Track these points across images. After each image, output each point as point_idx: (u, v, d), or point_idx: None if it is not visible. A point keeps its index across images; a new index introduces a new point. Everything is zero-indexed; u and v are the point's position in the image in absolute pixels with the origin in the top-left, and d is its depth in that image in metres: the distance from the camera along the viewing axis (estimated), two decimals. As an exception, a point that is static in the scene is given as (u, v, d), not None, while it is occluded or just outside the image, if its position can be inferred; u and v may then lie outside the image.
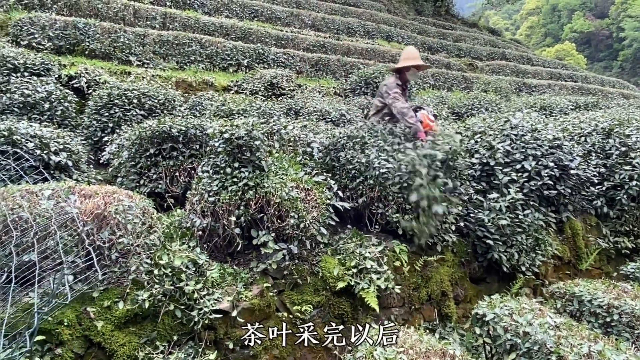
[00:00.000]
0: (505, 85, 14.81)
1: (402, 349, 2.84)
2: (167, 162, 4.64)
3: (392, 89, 4.90)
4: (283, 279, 3.61)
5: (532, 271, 4.73)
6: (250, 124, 3.67)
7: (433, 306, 4.41)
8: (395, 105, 4.78)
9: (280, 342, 3.49)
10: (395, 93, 4.85)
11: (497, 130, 5.24)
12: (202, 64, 11.24)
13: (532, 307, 3.59)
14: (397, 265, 4.11)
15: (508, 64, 20.31)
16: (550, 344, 2.97)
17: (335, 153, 4.46)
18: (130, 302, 3.03)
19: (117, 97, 6.57)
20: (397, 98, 4.82)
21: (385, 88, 5.00)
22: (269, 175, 3.64)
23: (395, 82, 4.95)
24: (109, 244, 3.09)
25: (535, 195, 4.88)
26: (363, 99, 10.20)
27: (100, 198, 3.25)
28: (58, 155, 4.26)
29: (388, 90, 4.92)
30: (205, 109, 7.68)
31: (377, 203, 4.26)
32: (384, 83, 5.09)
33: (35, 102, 6.12)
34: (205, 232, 3.59)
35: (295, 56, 12.98)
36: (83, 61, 9.08)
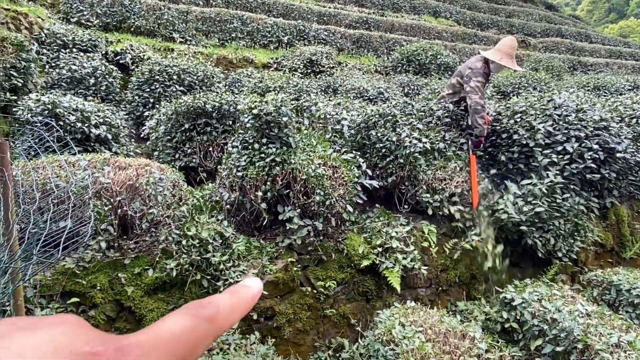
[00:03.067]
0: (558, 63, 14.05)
1: (421, 329, 2.83)
2: (201, 137, 4.74)
3: (477, 76, 4.53)
4: (308, 255, 3.65)
5: (569, 257, 4.55)
6: (279, 100, 3.68)
7: (462, 288, 4.34)
8: (472, 97, 4.49)
9: (303, 315, 3.56)
10: (478, 82, 4.49)
11: (539, 110, 4.99)
12: (243, 40, 11.32)
13: (564, 293, 3.48)
14: (425, 246, 4.06)
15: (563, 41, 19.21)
16: (578, 332, 2.87)
17: (366, 131, 4.41)
18: (159, 270, 3.16)
19: (158, 73, 6.74)
20: (478, 89, 4.47)
21: (469, 71, 4.62)
22: (296, 151, 3.65)
23: (483, 70, 4.56)
24: (140, 214, 3.22)
25: (576, 178, 4.64)
26: (404, 77, 9.98)
27: (133, 170, 3.37)
28: (98, 128, 4.44)
29: (472, 76, 4.56)
30: (244, 86, 7.76)
31: (406, 182, 4.20)
32: (470, 65, 4.70)
33: (81, 77, 6.38)
34: (233, 206, 3.67)
35: (337, 33, 12.82)
36: (128, 38, 9.34)
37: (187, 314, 0.33)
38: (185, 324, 0.32)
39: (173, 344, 0.30)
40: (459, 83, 4.79)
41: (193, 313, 0.33)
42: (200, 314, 0.33)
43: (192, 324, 0.32)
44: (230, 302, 0.36)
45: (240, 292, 0.37)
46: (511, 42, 4.59)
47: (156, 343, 0.29)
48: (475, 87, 4.50)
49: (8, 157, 2.42)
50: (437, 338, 2.74)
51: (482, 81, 4.53)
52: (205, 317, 0.33)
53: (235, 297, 0.37)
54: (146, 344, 0.29)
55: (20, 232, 2.44)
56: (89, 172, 3.17)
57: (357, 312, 3.76)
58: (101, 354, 0.27)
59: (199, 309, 0.33)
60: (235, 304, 0.36)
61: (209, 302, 0.35)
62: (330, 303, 3.68)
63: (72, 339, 0.27)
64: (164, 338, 0.30)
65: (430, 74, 10.82)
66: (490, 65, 4.63)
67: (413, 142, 4.13)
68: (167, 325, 0.31)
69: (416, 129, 4.31)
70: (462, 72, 4.76)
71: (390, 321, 2.97)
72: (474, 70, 4.59)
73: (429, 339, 2.69)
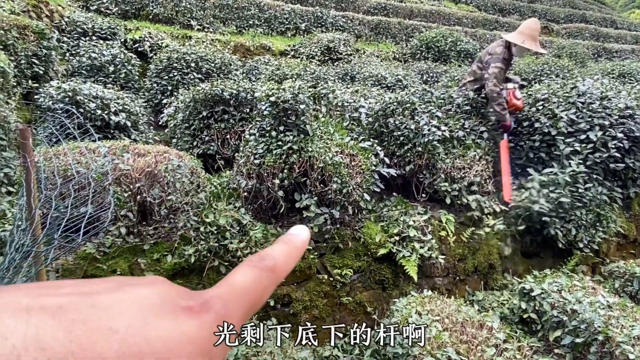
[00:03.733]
0: (582, 49, 13.68)
1: (438, 318, 2.81)
2: (218, 125, 4.75)
3: (496, 62, 4.42)
4: (324, 243, 3.66)
5: (590, 248, 4.47)
6: (297, 87, 3.66)
7: (480, 278, 4.31)
8: (488, 85, 4.41)
9: (320, 302, 3.58)
10: (496, 69, 4.39)
11: (562, 98, 4.87)
12: (260, 28, 11.28)
13: (585, 285, 3.42)
14: (443, 235, 4.02)
15: (588, 27, 18.67)
16: (598, 324, 2.83)
17: (384, 119, 4.37)
18: (177, 256, 3.20)
19: (176, 61, 6.76)
20: (495, 76, 4.38)
21: (489, 57, 4.52)
22: (313, 139, 3.63)
23: (502, 56, 4.45)
24: (159, 201, 3.26)
25: (599, 168, 4.54)
26: (423, 64, 9.84)
27: (152, 157, 3.40)
28: (117, 115, 4.49)
29: (491, 62, 4.46)
30: (261, 73, 7.75)
31: (424, 171, 4.16)
32: (490, 50, 4.60)
33: (101, 65, 6.45)
34: (250, 193, 3.68)
35: (355, 19, 12.68)
36: (147, 25, 9.39)
37: (251, 267, 0.36)
38: (253, 275, 0.35)
39: (245, 294, 0.34)
40: (479, 69, 4.70)
41: (256, 265, 0.36)
42: (262, 265, 0.36)
43: (257, 275, 0.35)
44: (286, 250, 0.39)
45: (292, 240, 0.41)
46: (534, 24, 4.46)
47: (232, 295, 0.33)
48: (492, 73, 4.41)
49: (30, 144, 2.46)
50: (454, 327, 2.72)
51: (500, 67, 4.43)
52: (267, 267, 0.37)
53: (289, 245, 0.40)
54: (225, 296, 0.33)
55: (42, 217, 2.49)
56: (109, 159, 3.20)
57: (374, 300, 3.76)
58: (193, 307, 0.30)
59: (260, 262, 0.37)
60: (290, 252, 0.39)
61: (267, 254, 0.38)
62: (347, 291, 3.69)
63: (171, 292, 0.31)
64: (237, 289, 0.34)
65: (450, 61, 10.65)
66: (512, 49, 4.52)
67: (432, 130, 4.08)
68: (238, 278, 0.35)
69: (435, 116, 4.25)
70: (482, 58, 4.67)
71: (406, 310, 2.96)
72: (493, 56, 4.49)
73: (445, 328, 2.68)
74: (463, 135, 4.40)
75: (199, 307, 0.30)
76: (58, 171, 2.78)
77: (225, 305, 0.32)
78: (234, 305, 0.33)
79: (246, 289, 0.34)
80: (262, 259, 0.37)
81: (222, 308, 0.32)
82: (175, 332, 0.28)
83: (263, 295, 0.36)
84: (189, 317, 0.29)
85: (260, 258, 0.37)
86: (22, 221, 2.51)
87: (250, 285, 0.35)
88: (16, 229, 2.56)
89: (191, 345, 0.29)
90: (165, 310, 0.29)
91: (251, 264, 0.36)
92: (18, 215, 2.73)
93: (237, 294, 0.33)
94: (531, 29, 4.45)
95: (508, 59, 4.52)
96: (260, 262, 0.37)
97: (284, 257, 0.38)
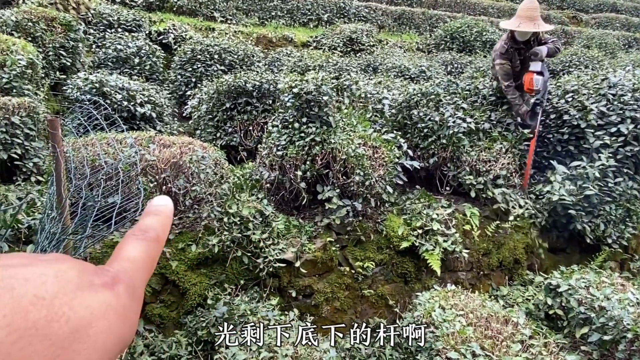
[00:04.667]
0: (612, 40, 13.27)
1: (462, 312, 2.78)
2: (241, 117, 4.77)
3: (497, 59, 4.41)
4: (346, 235, 3.65)
5: (619, 244, 4.35)
6: (320, 79, 3.64)
7: (504, 273, 4.24)
8: (500, 80, 4.41)
9: (341, 294, 3.58)
10: (497, 66, 4.38)
11: (592, 90, 4.73)
12: (283, 19, 11.25)
13: (613, 281, 3.34)
14: (467, 229, 3.97)
15: (618, 16, 18.05)
16: (627, 321, 2.75)
17: (408, 110, 4.31)
18: (201, 246, 3.24)
19: (200, 53, 6.81)
20: (502, 69, 4.36)
21: (493, 54, 4.52)
22: (336, 131, 3.62)
23: (500, 50, 4.42)
24: (183, 191, 3.30)
25: (630, 162, 4.40)
26: (447, 55, 9.68)
27: (177, 148, 3.44)
28: (143, 106, 4.55)
29: (493, 60, 4.46)
30: (283, 65, 7.74)
31: (449, 164, 4.10)
32: (495, 46, 4.60)
33: (126, 57, 6.53)
34: (273, 185, 3.70)
35: (378, 10, 12.53)
36: (171, 17, 9.46)
37: (139, 240, 0.39)
38: (142, 247, 0.39)
39: (143, 266, 0.38)
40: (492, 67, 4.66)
41: (144, 238, 0.40)
42: (148, 237, 0.40)
43: (147, 247, 0.39)
44: (160, 222, 0.42)
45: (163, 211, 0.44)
46: (529, 3, 4.33)
47: (135, 268, 0.37)
48: (498, 71, 4.40)
49: (59, 134, 2.51)
50: (478, 322, 2.69)
51: (501, 62, 4.38)
52: (152, 239, 0.40)
53: (162, 216, 0.43)
54: (129, 270, 0.36)
55: (71, 206, 2.54)
56: (136, 149, 3.25)
57: (395, 293, 3.75)
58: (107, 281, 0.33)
59: (145, 234, 0.40)
60: (164, 222, 0.43)
61: (147, 226, 0.41)
62: (369, 283, 3.68)
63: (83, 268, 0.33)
64: (137, 263, 0.38)
65: (475, 51, 10.45)
66: (515, 35, 4.42)
67: (457, 122, 4.01)
68: (132, 252, 0.38)
69: (460, 108, 4.18)
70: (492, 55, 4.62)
71: (430, 304, 2.94)
72: (494, 53, 4.47)
73: (470, 323, 2.65)
74: (489, 127, 4.32)
75: (111, 281, 0.34)
76: (87, 161, 2.83)
77: (131, 278, 0.36)
78: (138, 276, 0.37)
79: (141, 261, 0.38)
80: (145, 232, 0.40)
81: (130, 279, 0.35)
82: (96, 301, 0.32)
83: (153, 264, 0.40)
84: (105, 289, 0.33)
85: (142, 231, 0.40)
86: (52, 210, 2.57)
87: (144, 257, 0.38)
88: (46, 218, 2.62)
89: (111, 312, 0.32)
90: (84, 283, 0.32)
91: (137, 237, 0.39)
92: (48, 204, 2.79)
93: (138, 267, 0.37)
94: (526, 9, 4.32)
95: (509, 49, 4.42)
96: (145, 235, 0.40)
97: (160, 227, 0.42)
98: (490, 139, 4.25)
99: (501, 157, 4.17)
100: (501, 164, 4.13)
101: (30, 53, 4.98)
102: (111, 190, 3.12)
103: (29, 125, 4.09)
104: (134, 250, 0.38)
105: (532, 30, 4.29)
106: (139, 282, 0.37)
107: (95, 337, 0.31)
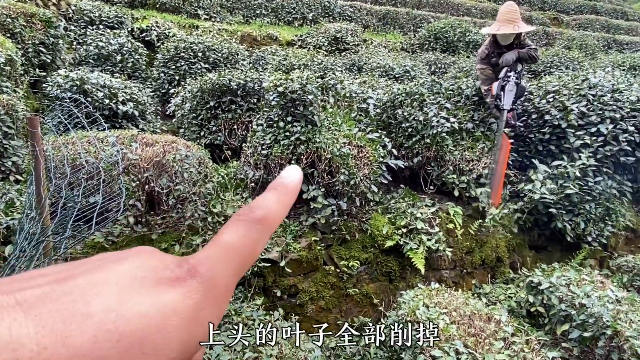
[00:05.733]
0: (592, 41, 13.51)
1: (445, 311, 2.80)
2: (226, 115, 4.74)
3: (478, 63, 4.54)
4: (331, 234, 3.65)
5: (599, 242, 4.44)
6: (305, 77, 3.63)
7: (487, 271, 4.29)
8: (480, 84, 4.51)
9: (326, 293, 3.58)
10: (477, 70, 4.51)
11: (573, 90, 4.81)
12: (267, 17, 11.21)
13: (593, 279, 3.40)
14: (450, 228, 4.01)
15: (598, 18, 18.42)
16: (607, 318, 2.81)
17: (393, 110, 4.33)
18: (185, 246, 3.21)
19: (183, 51, 6.74)
20: (482, 74, 4.46)
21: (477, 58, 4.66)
22: (321, 130, 3.61)
23: (481, 55, 4.53)
24: (166, 191, 3.26)
25: (610, 161, 4.49)
26: (431, 55, 9.75)
27: (160, 146, 3.40)
28: (125, 105, 4.48)
29: (476, 62, 4.59)
30: (268, 63, 7.71)
31: (432, 163, 4.13)
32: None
33: (108, 54, 6.43)
34: (257, 184, 3.68)
35: (362, 9, 12.57)
36: (154, 14, 9.35)
37: (239, 221, 0.34)
38: (239, 231, 0.34)
39: (233, 252, 0.33)
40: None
41: (244, 219, 0.34)
42: (251, 217, 0.35)
43: (246, 229, 0.34)
44: (277, 197, 0.37)
45: (283, 184, 0.38)
46: (507, 7, 4.43)
47: (218, 255, 0.32)
48: (478, 75, 4.52)
49: (39, 132, 2.46)
50: (462, 320, 2.71)
51: (482, 67, 4.47)
52: (256, 219, 0.35)
53: (279, 191, 0.38)
54: (213, 258, 0.31)
55: (51, 206, 2.49)
56: (118, 148, 3.20)
57: (380, 292, 3.76)
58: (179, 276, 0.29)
59: (249, 214, 0.35)
60: (281, 199, 0.37)
61: (256, 204, 0.36)
62: (353, 282, 3.69)
63: (154, 264, 0.29)
64: (225, 248, 0.32)
65: (459, 51, 10.55)
66: (498, 39, 4.49)
67: (440, 121, 4.05)
68: (225, 236, 0.33)
69: (444, 108, 4.22)
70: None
71: (414, 302, 2.96)
72: (477, 58, 4.59)
73: (453, 321, 2.67)
74: (472, 127, 4.36)
75: (185, 274, 0.29)
76: (67, 160, 2.78)
77: (212, 268, 0.31)
78: (222, 266, 0.31)
79: (235, 247, 0.33)
80: (252, 211, 0.35)
81: (208, 271, 0.30)
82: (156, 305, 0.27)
83: (255, 249, 0.34)
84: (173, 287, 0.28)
85: (249, 210, 0.35)
86: (31, 210, 2.52)
87: (238, 242, 0.33)
88: (26, 218, 2.56)
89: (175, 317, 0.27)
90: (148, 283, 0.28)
91: (240, 217, 0.35)
92: (27, 203, 2.74)
93: (224, 253, 0.32)
94: (505, 12, 4.41)
95: (489, 53, 4.50)
96: (248, 215, 0.35)
97: (275, 205, 0.36)
98: (473, 139, 4.30)
99: (484, 156, 4.21)
100: (484, 162, 4.18)
101: (9, 49, 4.87)
102: (92, 190, 3.08)
103: (7, 123, 4.00)
104: (231, 233, 0.33)
105: (511, 32, 4.35)
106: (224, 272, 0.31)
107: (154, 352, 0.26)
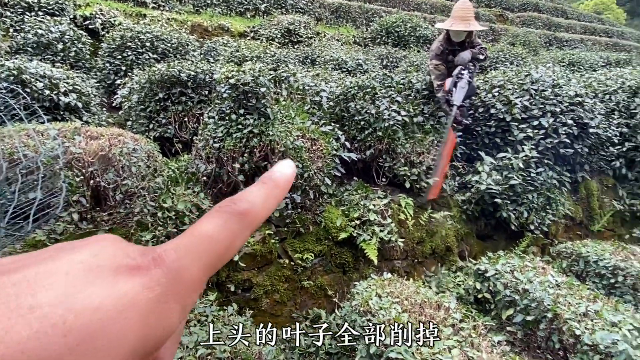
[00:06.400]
0: (535, 38, 14.13)
1: (397, 300, 2.87)
2: (176, 107, 4.61)
3: (431, 59, 4.64)
4: (285, 227, 3.65)
5: (541, 230, 4.68)
6: (257, 69, 3.58)
7: (437, 260, 4.43)
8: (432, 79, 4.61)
9: (281, 287, 3.58)
10: (430, 65, 4.61)
11: (517, 85, 5.03)
12: (219, 7, 10.97)
13: (535, 265, 3.58)
14: (402, 219, 4.10)
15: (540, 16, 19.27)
16: (547, 302, 2.97)
17: (345, 103, 4.36)
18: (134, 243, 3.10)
19: (130, 40, 6.48)
20: (436, 69, 4.57)
21: (430, 53, 4.74)
22: (274, 123, 3.59)
23: (436, 51, 4.63)
24: (113, 185, 3.14)
25: (550, 153, 4.73)
26: (383, 49, 9.88)
27: (105, 140, 3.26)
28: (67, 96, 4.27)
29: (430, 57, 4.68)
30: (219, 55, 7.56)
31: (385, 156, 4.20)
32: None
33: (48, 43, 6.09)
34: (209, 177, 3.61)
35: (315, 2, 12.54)
36: (98, 1, 8.93)
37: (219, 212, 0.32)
38: (217, 222, 0.31)
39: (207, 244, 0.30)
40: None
41: (225, 210, 0.32)
42: (231, 210, 0.32)
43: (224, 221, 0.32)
44: (264, 192, 0.35)
45: (272, 178, 0.36)
46: (462, 5, 4.56)
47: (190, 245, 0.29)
48: (431, 70, 4.64)
49: (-29, 125, 2.30)
50: (413, 309, 2.79)
51: (436, 63, 4.60)
52: (237, 212, 0.32)
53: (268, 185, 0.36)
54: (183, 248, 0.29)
55: (-14, 203, 2.34)
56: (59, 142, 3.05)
57: (334, 283, 3.80)
58: (141, 265, 0.27)
59: (231, 206, 0.33)
60: (269, 193, 0.35)
61: (241, 197, 0.34)
62: (308, 275, 3.71)
63: (113, 253, 0.27)
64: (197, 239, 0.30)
65: (410, 46, 10.75)
66: (451, 36, 4.63)
67: (392, 114, 4.11)
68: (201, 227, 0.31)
69: (395, 101, 4.29)
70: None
71: (367, 292, 3.01)
72: (430, 53, 4.70)
73: (405, 310, 2.74)
74: (422, 120, 4.46)
75: (147, 263, 0.27)
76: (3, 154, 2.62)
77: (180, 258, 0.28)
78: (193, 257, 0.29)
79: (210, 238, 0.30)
80: (234, 203, 0.33)
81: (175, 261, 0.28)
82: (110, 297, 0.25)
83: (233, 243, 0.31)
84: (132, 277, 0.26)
85: (232, 202, 0.33)
86: (-37, 208, 2.36)
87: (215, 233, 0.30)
88: (-43, 216, 2.40)
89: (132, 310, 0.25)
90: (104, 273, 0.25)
91: (220, 209, 0.32)
92: (-41, 201, 2.56)
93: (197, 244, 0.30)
94: (459, 9, 4.54)
95: (443, 49, 4.64)
96: (230, 206, 0.33)
97: (260, 199, 0.34)
98: (423, 132, 4.41)
99: (433, 148, 4.33)
100: (433, 155, 4.29)
101: None
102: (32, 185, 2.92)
103: None
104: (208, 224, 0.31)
105: (464, 30, 4.47)
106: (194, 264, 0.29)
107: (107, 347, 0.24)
